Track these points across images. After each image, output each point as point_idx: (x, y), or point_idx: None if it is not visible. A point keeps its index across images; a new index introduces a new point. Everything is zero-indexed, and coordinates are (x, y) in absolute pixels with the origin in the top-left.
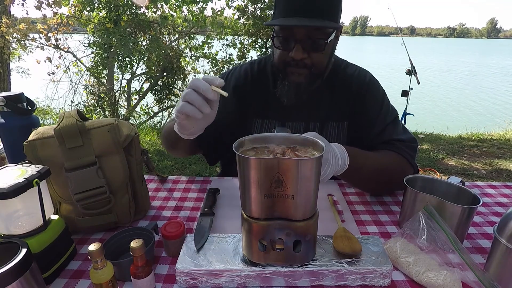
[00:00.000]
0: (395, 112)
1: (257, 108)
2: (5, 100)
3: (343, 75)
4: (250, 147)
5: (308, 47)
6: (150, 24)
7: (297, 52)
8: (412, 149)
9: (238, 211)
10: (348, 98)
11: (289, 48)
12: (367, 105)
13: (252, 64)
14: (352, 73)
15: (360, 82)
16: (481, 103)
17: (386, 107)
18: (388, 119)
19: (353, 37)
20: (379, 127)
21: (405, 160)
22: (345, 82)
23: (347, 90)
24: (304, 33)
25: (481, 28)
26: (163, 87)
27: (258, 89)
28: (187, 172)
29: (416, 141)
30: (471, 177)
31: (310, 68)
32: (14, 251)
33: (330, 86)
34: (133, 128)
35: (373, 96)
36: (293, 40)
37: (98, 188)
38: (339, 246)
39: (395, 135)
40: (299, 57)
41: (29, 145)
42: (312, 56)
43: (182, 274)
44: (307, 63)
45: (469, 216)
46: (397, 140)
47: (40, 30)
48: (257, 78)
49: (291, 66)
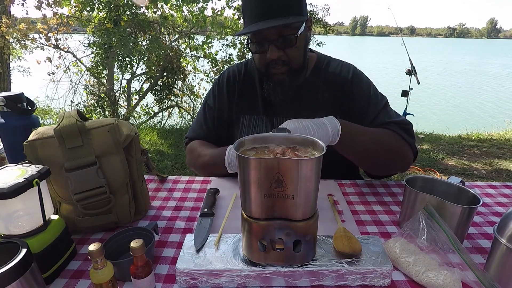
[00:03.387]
0: (385, 98)
1: (245, 105)
2: (5, 100)
3: (326, 70)
4: (250, 147)
5: (281, 45)
6: (150, 24)
7: (272, 52)
8: (408, 132)
9: (238, 211)
10: (334, 93)
11: (265, 50)
12: (354, 97)
13: (240, 65)
14: (335, 67)
15: (344, 76)
16: (481, 103)
17: (374, 95)
18: (379, 106)
19: (353, 37)
20: (371, 115)
21: (400, 137)
22: (329, 77)
23: (332, 85)
24: (274, 33)
25: (481, 28)
26: (163, 87)
27: (246, 87)
28: (187, 172)
29: (409, 122)
30: (471, 177)
31: (288, 64)
32: (14, 251)
33: (314, 82)
34: (133, 128)
35: (359, 88)
36: (266, 42)
37: (98, 188)
38: (339, 246)
39: (389, 118)
40: (275, 56)
41: (29, 145)
42: (287, 52)
43: (182, 274)
44: (284, 60)
45: (469, 216)
46: (391, 122)
47: (40, 30)
48: (245, 77)
49: (271, 67)
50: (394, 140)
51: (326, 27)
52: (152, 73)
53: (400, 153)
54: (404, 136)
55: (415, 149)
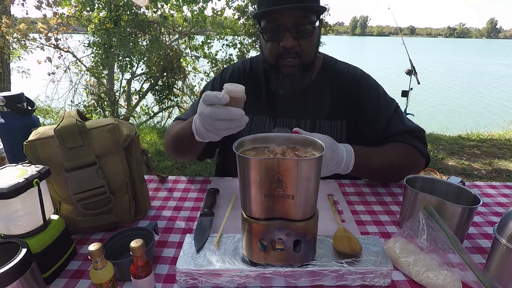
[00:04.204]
0: (394, 102)
1: (249, 103)
2: (5, 100)
3: (333, 72)
4: (250, 147)
5: (297, 34)
6: (150, 24)
7: (287, 40)
8: (422, 140)
9: (238, 211)
10: (340, 97)
11: (279, 38)
12: (363, 102)
13: (245, 62)
14: (342, 70)
15: (351, 79)
16: (481, 103)
17: (384, 100)
18: (390, 111)
19: (353, 37)
20: (383, 122)
21: (415, 150)
22: (335, 80)
23: (339, 88)
24: (292, 21)
25: (481, 28)
26: (163, 87)
27: (251, 85)
28: (187, 172)
29: (421, 129)
30: (471, 177)
31: (300, 56)
32: (14, 251)
33: (321, 83)
34: (133, 128)
35: (367, 92)
36: (282, 30)
37: (98, 188)
38: (339, 246)
39: (402, 125)
40: (290, 45)
41: (29, 145)
42: (301, 44)
43: (182, 274)
44: (298, 51)
45: (469, 216)
46: (405, 131)
47: (40, 30)
48: (250, 75)
49: (282, 59)
50: (408, 157)
51: (326, 27)
52: (152, 73)
53: (412, 166)
54: (418, 145)
55: (428, 156)
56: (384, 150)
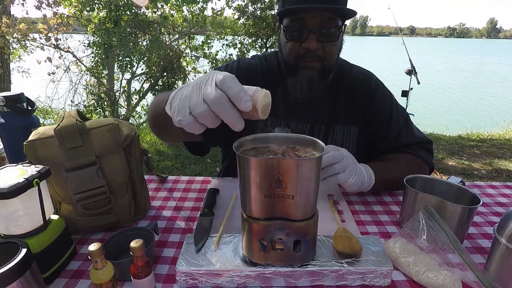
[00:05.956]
0: (405, 113)
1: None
2: (5, 100)
3: (348, 77)
4: (250, 147)
5: (321, 37)
6: (150, 24)
7: (311, 41)
8: (429, 151)
9: (238, 211)
10: (355, 102)
11: (302, 39)
12: (377, 111)
13: (260, 59)
14: (357, 75)
15: (366, 86)
16: (481, 103)
17: (396, 110)
18: (401, 121)
19: (353, 37)
20: (394, 132)
21: (423, 163)
22: (351, 85)
23: (354, 93)
24: (317, 23)
25: (481, 28)
26: (163, 87)
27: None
28: (187, 172)
29: (430, 141)
30: (471, 177)
31: (322, 61)
32: (14, 251)
33: (336, 88)
34: (133, 128)
35: (382, 101)
36: (306, 30)
37: (98, 188)
38: (339, 246)
39: (412, 136)
40: (314, 47)
41: (29, 145)
42: (325, 47)
43: (182, 274)
44: (320, 54)
45: (469, 216)
46: (414, 143)
47: (40, 30)
48: (265, 74)
49: (303, 60)
50: (415, 168)
51: None
52: (152, 73)
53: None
54: (425, 157)
55: (432, 165)
56: (395, 164)
